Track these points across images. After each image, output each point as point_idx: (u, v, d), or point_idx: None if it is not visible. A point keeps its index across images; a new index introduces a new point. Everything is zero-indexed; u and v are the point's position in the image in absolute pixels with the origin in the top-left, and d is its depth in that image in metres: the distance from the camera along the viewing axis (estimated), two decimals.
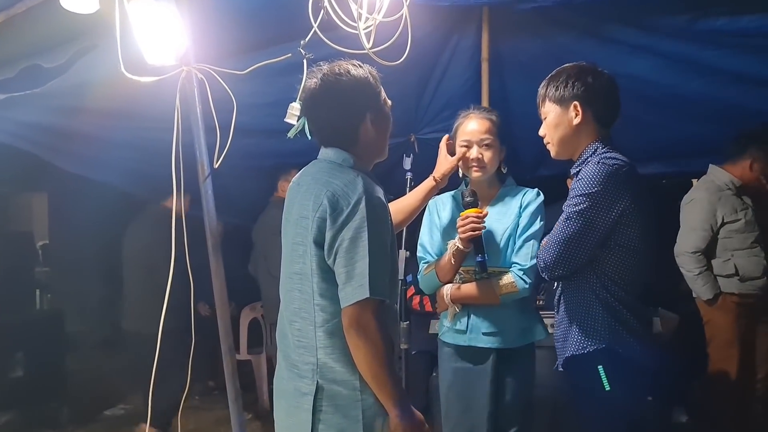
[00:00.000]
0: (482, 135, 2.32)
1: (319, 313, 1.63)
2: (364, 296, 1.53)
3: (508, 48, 3.31)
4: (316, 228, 1.61)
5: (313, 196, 1.64)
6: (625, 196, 1.85)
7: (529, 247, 2.26)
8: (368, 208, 1.57)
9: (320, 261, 1.62)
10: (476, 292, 2.27)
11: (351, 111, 1.70)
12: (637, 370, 1.90)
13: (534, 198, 2.35)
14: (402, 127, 3.96)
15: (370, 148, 1.75)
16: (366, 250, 1.54)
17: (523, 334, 2.31)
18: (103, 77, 2.38)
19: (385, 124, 1.78)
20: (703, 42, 2.92)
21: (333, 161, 1.72)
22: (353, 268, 1.55)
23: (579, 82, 1.96)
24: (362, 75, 1.72)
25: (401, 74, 3.37)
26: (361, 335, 1.55)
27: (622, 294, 1.90)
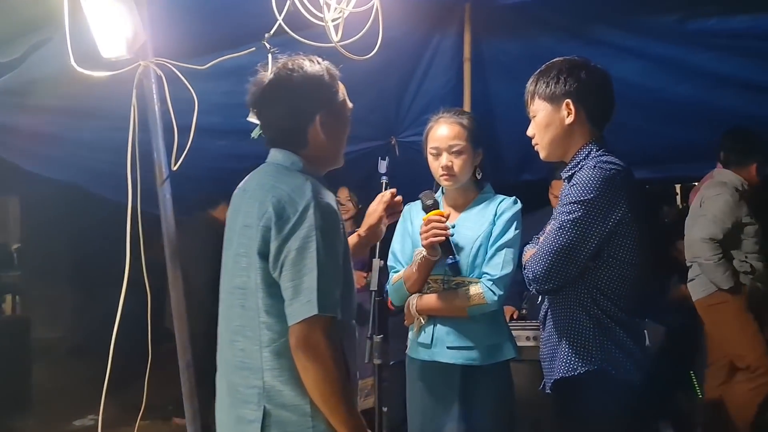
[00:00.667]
0: (451, 141, 2.16)
1: (265, 332, 1.48)
2: (311, 313, 1.39)
3: (491, 48, 3.23)
4: (260, 238, 1.46)
5: (258, 203, 1.49)
6: (621, 204, 1.70)
7: (500, 256, 2.10)
8: (317, 216, 1.43)
9: (265, 274, 1.47)
10: (441, 304, 2.13)
11: (298, 110, 1.55)
12: (631, 393, 1.76)
13: (510, 206, 2.19)
14: (382, 130, 3.87)
15: (321, 152, 1.59)
16: (314, 261, 1.40)
17: (491, 351, 2.14)
18: (57, 72, 2.24)
19: (338, 128, 1.62)
20: (691, 44, 2.86)
21: (280, 164, 1.57)
22: (300, 282, 1.41)
23: (571, 78, 1.79)
24: (316, 72, 1.56)
25: (381, 75, 3.30)
26: (310, 356, 1.41)
27: (615, 310, 1.75)
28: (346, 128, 1.65)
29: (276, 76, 1.55)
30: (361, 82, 3.25)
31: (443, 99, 3.39)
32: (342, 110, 1.62)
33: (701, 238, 3.34)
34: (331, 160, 1.66)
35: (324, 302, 1.40)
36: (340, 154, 1.67)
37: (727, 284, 3.28)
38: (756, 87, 3.12)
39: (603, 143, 1.82)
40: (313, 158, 1.58)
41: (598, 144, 1.80)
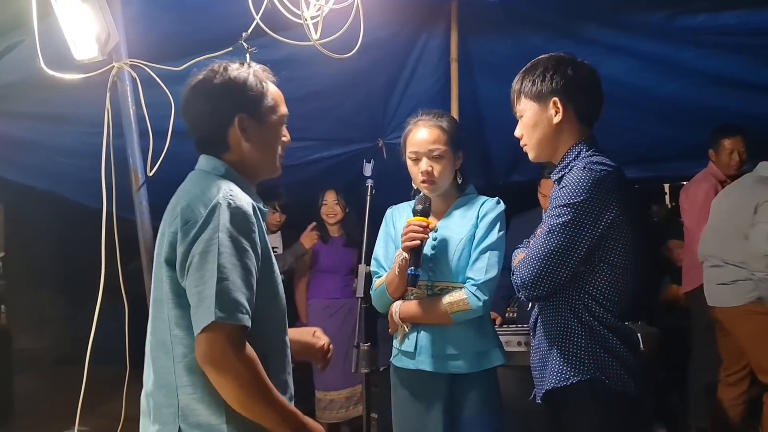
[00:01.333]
0: (431, 145, 2.08)
1: (177, 346, 1.38)
2: (209, 320, 1.27)
3: (478, 48, 3.19)
4: (167, 245, 1.37)
5: (171, 208, 1.42)
6: (613, 206, 1.63)
7: (484, 260, 2.03)
8: (224, 218, 1.33)
9: (173, 283, 1.37)
10: (424, 310, 2.05)
11: (216, 112, 1.47)
12: (626, 402, 1.69)
13: (492, 207, 2.11)
14: (369, 132, 3.82)
15: (247, 158, 1.50)
16: (215, 265, 1.29)
17: (479, 359, 2.06)
18: (29, 77, 2.17)
19: (264, 133, 1.51)
20: (681, 42, 2.82)
21: (203, 170, 1.49)
22: (203, 288, 1.30)
23: (558, 75, 1.72)
24: (239, 75, 1.48)
25: (367, 76, 3.25)
26: (218, 369, 1.29)
27: (608, 316, 1.68)
28: (275, 135, 1.55)
29: (200, 78, 1.49)
30: (348, 83, 3.22)
31: (431, 100, 3.35)
32: (268, 115, 1.51)
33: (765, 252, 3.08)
34: (260, 168, 1.54)
35: (226, 308, 1.28)
36: (271, 162, 1.56)
37: None
38: (746, 85, 3.10)
39: (593, 142, 1.75)
40: (239, 164, 1.49)
41: (587, 143, 1.73)
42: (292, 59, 2.87)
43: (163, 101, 2.21)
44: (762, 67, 2.89)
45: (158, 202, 2.49)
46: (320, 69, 2.95)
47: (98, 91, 2.13)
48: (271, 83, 1.54)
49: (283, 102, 1.56)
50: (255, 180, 1.56)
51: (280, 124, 1.55)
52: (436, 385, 2.06)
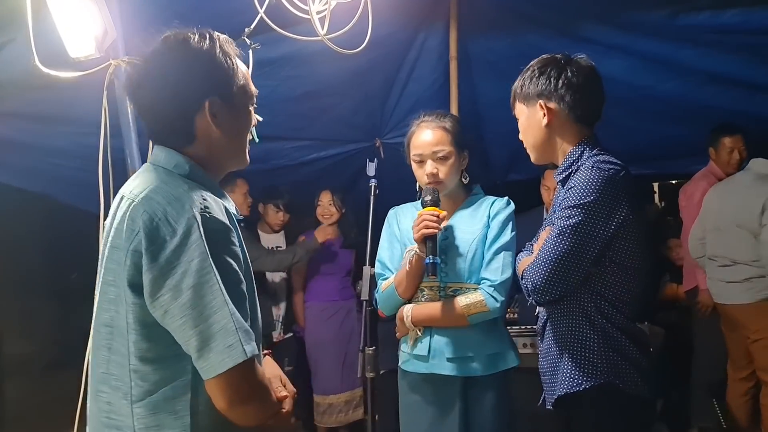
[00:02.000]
0: (435, 147, 2.05)
1: (137, 383, 1.18)
2: (240, 359, 1.11)
3: (478, 47, 3.16)
4: (131, 265, 1.15)
5: (129, 218, 1.17)
6: (623, 206, 1.60)
7: (499, 260, 2.01)
8: (206, 239, 1.12)
9: (140, 312, 1.16)
10: (441, 313, 2.00)
11: (181, 95, 1.23)
12: (639, 406, 1.66)
13: (504, 207, 2.09)
14: (367, 132, 3.78)
15: (216, 149, 1.28)
16: (221, 297, 1.12)
17: (493, 360, 2.04)
18: (22, 76, 2.11)
19: (236, 118, 1.30)
20: (680, 41, 2.81)
21: (163, 167, 1.25)
22: (209, 326, 1.11)
23: (543, 77, 1.70)
24: (203, 48, 1.24)
25: (365, 76, 3.22)
26: (248, 405, 1.17)
27: (620, 317, 1.65)
28: (247, 119, 1.34)
29: (153, 53, 1.25)
30: (346, 82, 3.19)
31: (430, 99, 3.33)
32: (241, 96, 1.29)
33: None
34: (229, 159, 1.33)
35: (247, 342, 1.13)
36: (241, 151, 1.34)
37: None
38: (744, 83, 3.10)
39: (596, 142, 1.72)
40: (205, 157, 1.27)
41: (590, 143, 1.70)
42: (290, 58, 2.84)
43: None
44: (761, 66, 2.89)
45: None
46: (317, 68, 2.92)
47: (92, 90, 2.08)
48: (237, 56, 1.32)
49: (250, 79, 1.35)
50: (221, 174, 1.35)
51: (250, 105, 1.34)
52: (450, 389, 2.02)
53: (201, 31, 1.29)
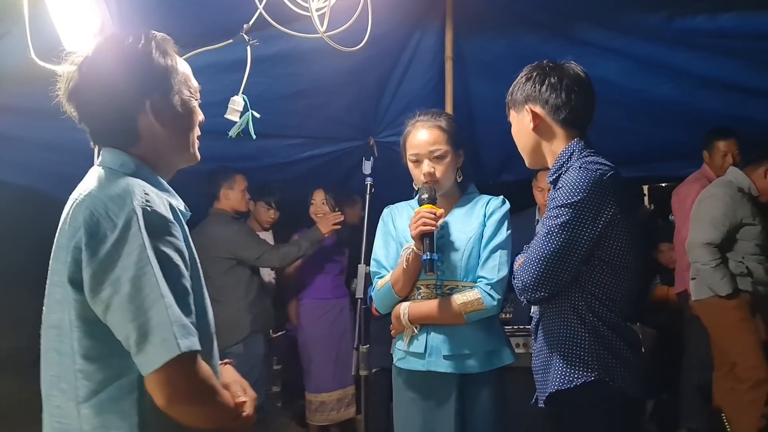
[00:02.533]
0: (431, 146, 2.07)
1: (82, 383, 1.16)
2: (174, 353, 1.08)
3: (473, 47, 3.16)
4: (71, 262, 1.14)
5: (71, 217, 1.18)
6: (610, 205, 1.62)
7: (495, 258, 2.03)
8: (146, 231, 1.11)
9: (82, 309, 1.15)
10: (438, 310, 2.02)
11: (120, 97, 1.23)
12: (630, 403, 1.68)
13: (499, 206, 2.11)
14: (360, 130, 3.77)
15: (162, 147, 1.29)
16: (159, 289, 1.09)
17: (489, 358, 2.05)
18: (16, 69, 2.09)
19: (180, 116, 1.29)
20: (675, 44, 2.83)
21: (109, 167, 1.25)
22: (147, 320, 1.09)
23: (529, 83, 1.76)
24: (139, 48, 1.24)
25: (359, 74, 3.21)
26: (190, 403, 1.14)
27: (611, 315, 1.67)
28: (192, 115, 1.33)
29: (89, 57, 1.25)
30: (340, 81, 3.18)
31: (424, 98, 3.33)
32: (182, 93, 1.30)
33: (699, 242, 3.27)
34: (176, 156, 1.34)
35: (186, 335, 1.10)
36: (188, 147, 1.34)
37: (725, 291, 3.21)
38: (739, 87, 3.11)
39: (586, 144, 1.74)
40: (152, 156, 1.28)
41: (580, 145, 1.73)
42: (284, 55, 2.82)
43: None
44: (755, 70, 2.91)
45: None
46: (312, 66, 2.91)
47: None
48: (177, 53, 1.32)
49: (191, 75, 1.35)
50: (171, 172, 1.36)
51: (192, 99, 1.34)
52: (446, 386, 2.04)
53: (137, 32, 1.29)
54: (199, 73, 2.82)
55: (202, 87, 2.87)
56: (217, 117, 2.28)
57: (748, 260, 3.26)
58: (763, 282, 3.24)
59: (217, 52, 2.34)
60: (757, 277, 3.24)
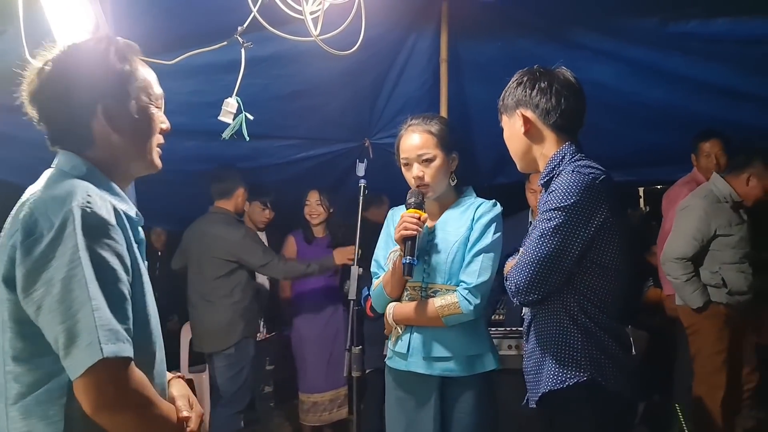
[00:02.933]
0: (420, 150, 2.07)
1: (12, 384, 1.13)
2: (96, 358, 1.05)
3: (468, 50, 3.17)
4: (7, 260, 1.13)
5: (12, 217, 1.17)
6: (602, 209, 1.64)
7: (477, 263, 2.02)
8: (82, 232, 1.09)
9: (15, 310, 1.12)
10: (415, 313, 2.04)
11: (72, 100, 1.23)
12: (621, 404, 1.70)
13: (488, 209, 2.10)
14: (356, 132, 3.78)
15: (117, 152, 1.27)
16: (87, 292, 1.07)
17: (471, 362, 2.05)
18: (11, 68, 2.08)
19: (136, 123, 1.28)
20: (669, 48, 2.84)
21: (60, 169, 1.24)
22: (75, 323, 1.06)
23: (520, 88, 1.78)
24: (96, 53, 1.25)
25: (354, 76, 3.21)
26: (117, 412, 1.10)
27: (603, 317, 1.69)
28: (150, 121, 1.31)
29: (52, 61, 1.26)
30: (335, 82, 3.18)
31: (419, 100, 3.34)
32: (139, 98, 1.28)
33: (670, 258, 3.31)
34: (133, 163, 1.32)
35: (109, 342, 1.06)
36: (145, 154, 1.32)
37: (695, 304, 3.26)
38: (732, 92, 3.13)
39: (577, 148, 1.76)
40: (107, 161, 1.26)
41: (571, 149, 1.74)
42: (278, 57, 2.83)
43: None
44: (749, 75, 2.92)
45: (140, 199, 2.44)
46: (307, 67, 2.92)
47: None
48: (139, 60, 1.32)
49: (156, 82, 1.34)
50: (128, 179, 1.35)
51: (155, 107, 1.33)
52: (427, 387, 2.05)
53: (99, 37, 1.31)
54: (195, 75, 2.85)
55: (193, 89, 2.89)
56: (212, 118, 2.29)
57: (725, 270, 3.25)
58: (739, 292, 3.24)
59: (212, 53, 2.34)
60: (733, 288, 3.24)
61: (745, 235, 3.27)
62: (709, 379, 3.30)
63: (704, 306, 3.26)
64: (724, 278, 3.26)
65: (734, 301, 3.26)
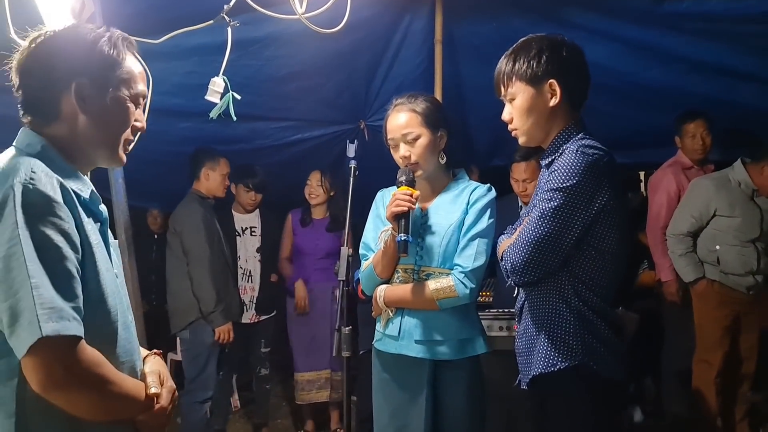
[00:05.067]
0: (404, 129, 2.05)
1: None
2: (35, 337, 1.04)
3: (463, 31, 3.15)
4: None
5: None
6: (604, 191, 1.60)
7: (473, 247, 2.01)
8: (23, 209, 1.07)
9: None
10: (412, 295, 2.03)
11: (51, 73, 1.22)
12: (612, 388, 1.67)
13: (483, 194, 2.08)
14: (351, 113, 3.77)
15: (80, 135, 1.25)
16: (26, 270, 1.05)
17: (462, 346, 2.05)
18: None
19: (108, 111, 1.26)
20: (664, 27, 2.82)
21: (17, 146, 1.22)
22: (17, 302, 1.05)
23: (554, 56, 1.66)
24: (89, 35, 1.26)
25: (350, 57, 3.20)
26: (65, 390, 1.09)
27: (597, 301, 1.66)
28: (123, 114, 1.29)
29: (50, 33, 1.26)
30: (330, 64, 3.17)
31: (414, 82, 3.32)
32: (118, 88, 1.26)
33: (671, 233, 3.42)
34: (95, 150, 1.28)
35: (51, 320, 1.05)
36: (110, 146, 1.29)
37: (688, 278, 3.38)
38: (728, 72, 3.11)
39: (582, 126, 1.72)
40: (67, 140, 1.24)
41: (577, 127, 1.70)
42: (273, 38, 2.82)
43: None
44: (745, 54, 2.90)
45: (134, 179, 2.44)
46: (302, 48, 2.90)
47: None
48: (132, 55, 1.31)
49: (143, 80, 1.32)
50: (88, 165, 1.32)
51: (132, 103, 1.30)
52: (418, 371, 2.05)
53: (93, 25, 1.30)
54: (189, 56, 2.83)
55: (187, 70, 2.87)
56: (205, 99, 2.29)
57: (722, 251, 3.28)
58: (735, 272, 3.27)
59: (206, 35, 2.33)
60: (727, 268, 3.28)
61: (754, 221, 3.26)
62: (705, 355, 3.35)
63: (695, 281, 3.35)
64: (719, 257, 3.29)
65: (732, 282, 3.28)
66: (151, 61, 2.09)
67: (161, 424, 1.27)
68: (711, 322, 3.33)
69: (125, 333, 1.25)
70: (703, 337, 3.38)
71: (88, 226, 1.19)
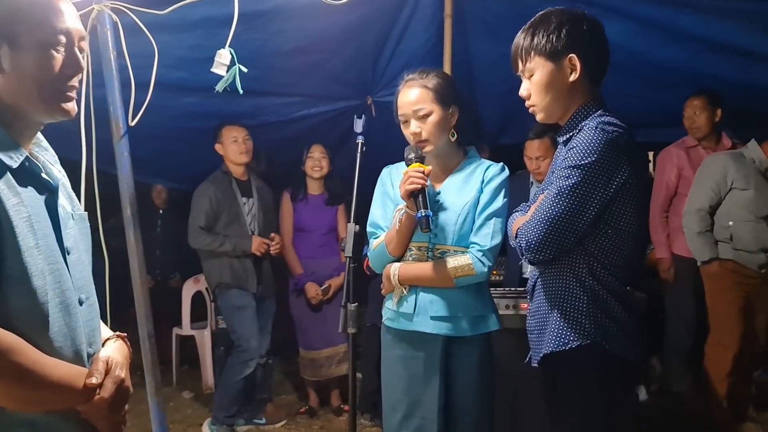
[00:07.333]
0: (415, 106, 2.03)
1: None
2: None
3: (473, 6, 3.10)
4: None
5: None
6: (623, 169, 1.56)
7: (490, 226, 2.01)
8: None
9: None
10: (429, 273, 2.02)
11: None
12: (624, 368, 1.65)
13: (498, 173, 2.08)
14: (358, 89, 3.73)
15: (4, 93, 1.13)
16: None
17: (476, 323, 2.06)
18: None
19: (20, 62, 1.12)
20: (679, 6, 2.75)
21: None
22: None
23: (575, 30, 1.61)
24: None
25: (357, 31, 3.15)
26: None
27: (612, 280, 1.64)
28: (43, 60, 1.13)
29: None
30: (337, 38, 3.12)
31: (423, 58, 3.27)
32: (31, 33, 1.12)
33: (689, 209, 3.35)
34: (24, 107, 1.15)
35: None
36: (42, 99, 1.14)
37: (702, 258, 3.33)
38: (743, 52, 3.05)
39: (601, 102, 1.68)
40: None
41: (596, 103, 1.66)
42: (280, 11, 2.77)
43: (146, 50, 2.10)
44: (760, 33, 2.84)
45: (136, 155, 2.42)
46: (308, 22, 2.85)
47: None
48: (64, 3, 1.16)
49: (62, 15, 1.15)
50: (28, 127, 1.18)
51: (53, 45, 1.14)
52: (432, 347, 2.04)
53: None
54: (194, 29, 2.78)
55: (192, 43, 2.82)
56: (211, 73, 2.26)
57: (735, 226, 3.25)
58: (746, 249, 3.23)
59: (211, 7, 2.29)
60: (739, 244, 3.24)
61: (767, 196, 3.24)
62: (721, 338, 3.32)
63: (708, 261, 3.30)
64: (732, 234, 3.25)
65: (744, 259, 3.24)
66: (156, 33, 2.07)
67: (106, 417, 1.16)
68: (725, 304, 3.29)
69: (62, 315, 1.14)
70: (718, 319, 3.34)
71: (12, 199, 1.08)
